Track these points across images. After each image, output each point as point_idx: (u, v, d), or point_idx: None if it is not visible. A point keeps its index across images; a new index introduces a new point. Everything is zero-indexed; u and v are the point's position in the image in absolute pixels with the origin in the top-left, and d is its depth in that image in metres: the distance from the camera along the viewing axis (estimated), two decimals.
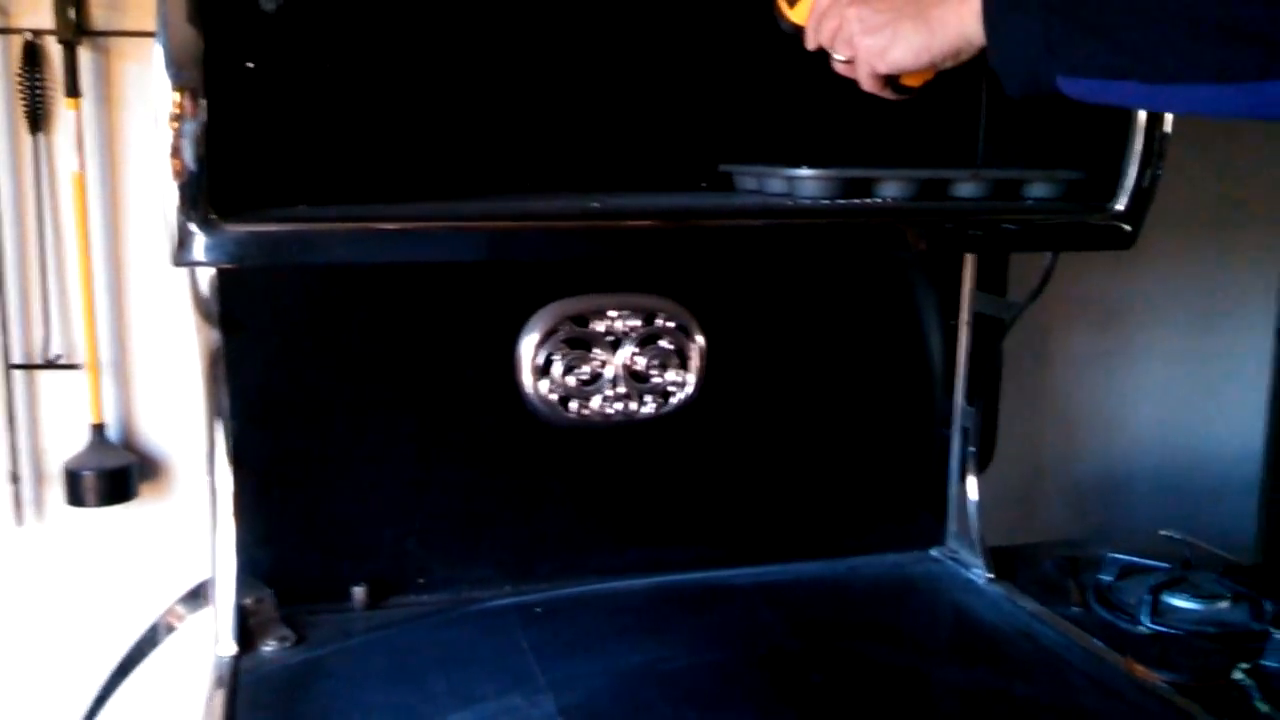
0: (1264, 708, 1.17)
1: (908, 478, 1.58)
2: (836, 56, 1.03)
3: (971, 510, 1.53)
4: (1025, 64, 0.85)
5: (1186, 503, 1.95)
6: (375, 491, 1.38)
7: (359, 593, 1.38)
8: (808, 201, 1.20)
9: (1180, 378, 1.97)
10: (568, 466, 1.44)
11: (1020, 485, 1.87)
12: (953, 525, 1.58)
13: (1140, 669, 1.25)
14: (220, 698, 1.18)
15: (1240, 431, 2.01)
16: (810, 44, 1.06)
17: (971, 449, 1.53)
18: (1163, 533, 1.58)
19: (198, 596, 1.39)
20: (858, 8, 0.98)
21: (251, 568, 1.33)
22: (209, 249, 0.99)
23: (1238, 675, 1.23)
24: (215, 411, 1.26)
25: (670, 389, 1.42)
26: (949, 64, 0.95)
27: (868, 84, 1.01)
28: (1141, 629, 1.35)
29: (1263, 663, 1.24)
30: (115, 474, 1.47)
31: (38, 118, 1.41)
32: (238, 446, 1.28)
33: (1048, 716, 1.19)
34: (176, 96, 0.94)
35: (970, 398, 1.53)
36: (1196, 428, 1.99)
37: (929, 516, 1.58)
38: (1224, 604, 1.38)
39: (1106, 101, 0.88)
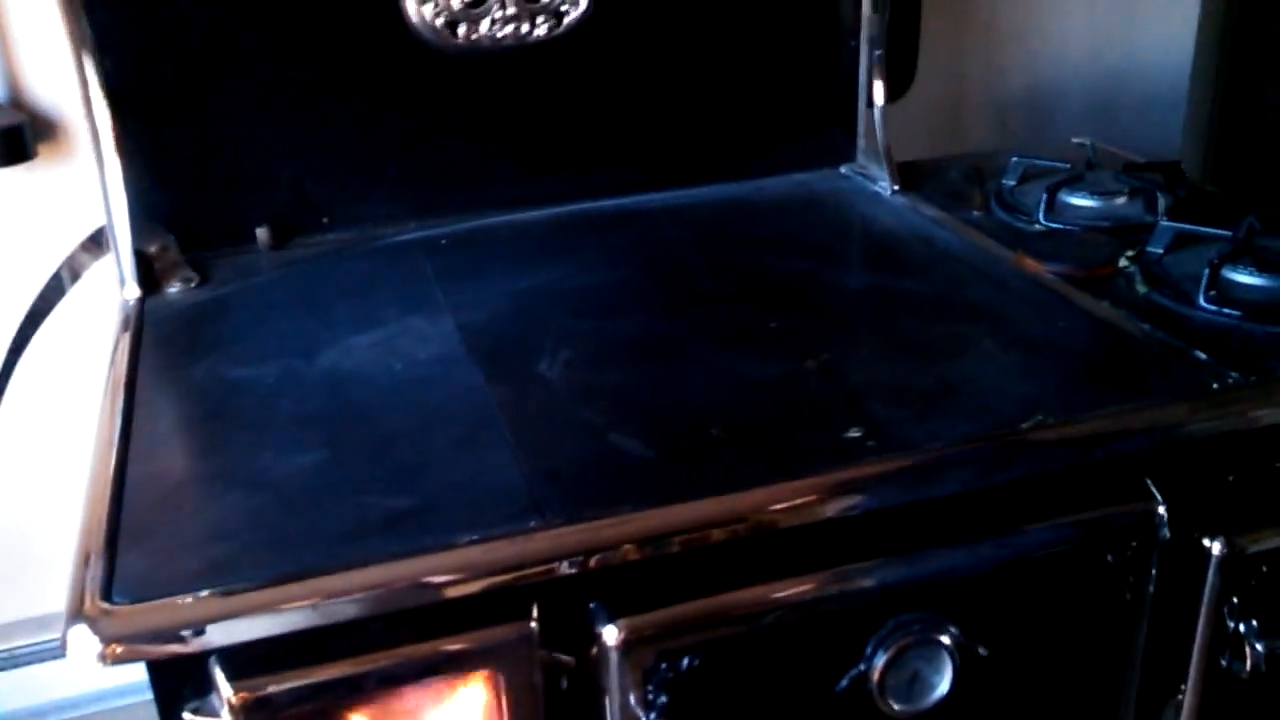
0: (1143, 289, 1.21)
1: (816, 94, 1.55)
2: None
3: (878, 123, 1.51)
4: None
5: (1112, 118, 1.93)
6: (268, 129, 1.35)
7: (262, 234, 1.38)
8: None
9: None
10: (465, 96, 1.40)
11: (944, 104, 1.84)
12: (862, 142, 1.56)
13: (1030, 262, 1.27)
14: (126, 339, 1.19)
15: (1169, 47, 1.96)
16: None
17: (878, 54, 1.49)
18: (1075, 140, 1.57)
19: (99, 243, 1.39)
20: None
21: (150, 213, 1.33)
22: None
23: (1123, 263, 1.26)
24: (80, 45, 1.21)
25: (563, 8, 1.37)
26: None
27: None
28: (1037, 227, 1.36)
29: (1148, 249, 1.26)
30: (8, 133, 1.43)
31: None
32: (113, 83, 1.24)
33: (934, 307, 1.22)
34: None
35: (876, 4, 1.48)
36: (1124, 44, 1.93)
37: (838, 133, 1.57)
38: (1120, 199, 1.39)
39: None
